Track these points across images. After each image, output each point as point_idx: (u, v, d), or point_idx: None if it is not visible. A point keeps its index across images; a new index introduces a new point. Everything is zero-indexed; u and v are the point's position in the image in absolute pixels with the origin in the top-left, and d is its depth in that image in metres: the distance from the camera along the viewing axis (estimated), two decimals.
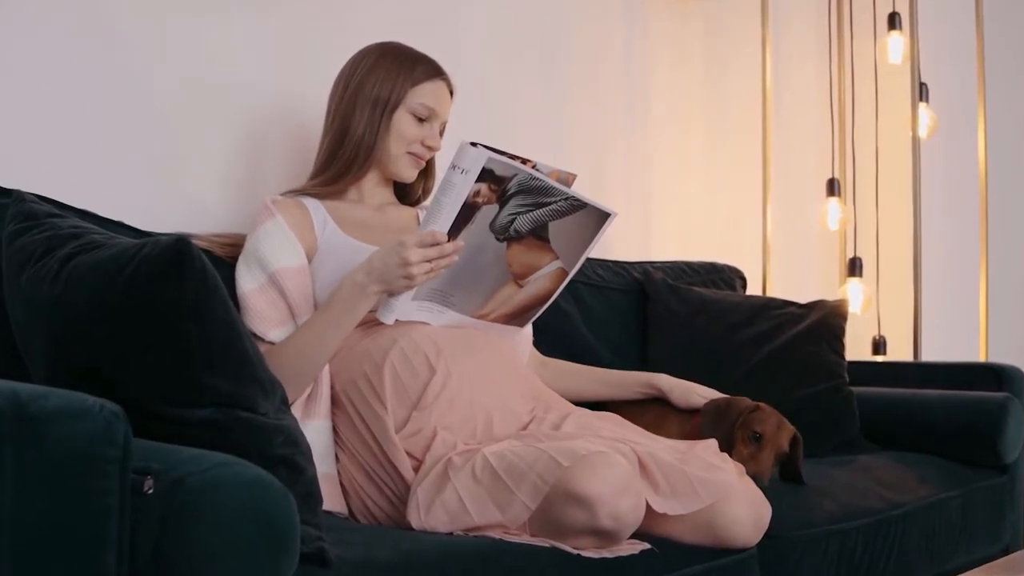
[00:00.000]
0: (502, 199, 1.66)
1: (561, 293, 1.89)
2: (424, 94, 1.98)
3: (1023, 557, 1.48)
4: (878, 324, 3.40)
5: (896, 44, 3.38)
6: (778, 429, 1.91)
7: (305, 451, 1.33)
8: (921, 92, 3.30)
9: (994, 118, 3.73)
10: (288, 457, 1.28)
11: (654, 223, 3.27)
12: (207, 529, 1.06)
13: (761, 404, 1.96)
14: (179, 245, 1.19)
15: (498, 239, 1.72)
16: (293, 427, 1.33)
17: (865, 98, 3.55)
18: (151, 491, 1.06)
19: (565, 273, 1.84)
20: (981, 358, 3.43)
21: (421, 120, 1.98)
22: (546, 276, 1.83)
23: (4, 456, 0.96)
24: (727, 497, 1.64)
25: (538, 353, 2.20)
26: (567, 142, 3.00)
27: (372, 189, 2.03)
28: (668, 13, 3.32)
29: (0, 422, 0.96)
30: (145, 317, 1.22)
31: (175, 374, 1.23)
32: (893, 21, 3.38)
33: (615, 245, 2.87)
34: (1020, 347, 3.76)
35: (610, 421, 1.84)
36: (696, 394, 2.06)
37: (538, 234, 1.75)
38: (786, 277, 3.44)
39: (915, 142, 3.27)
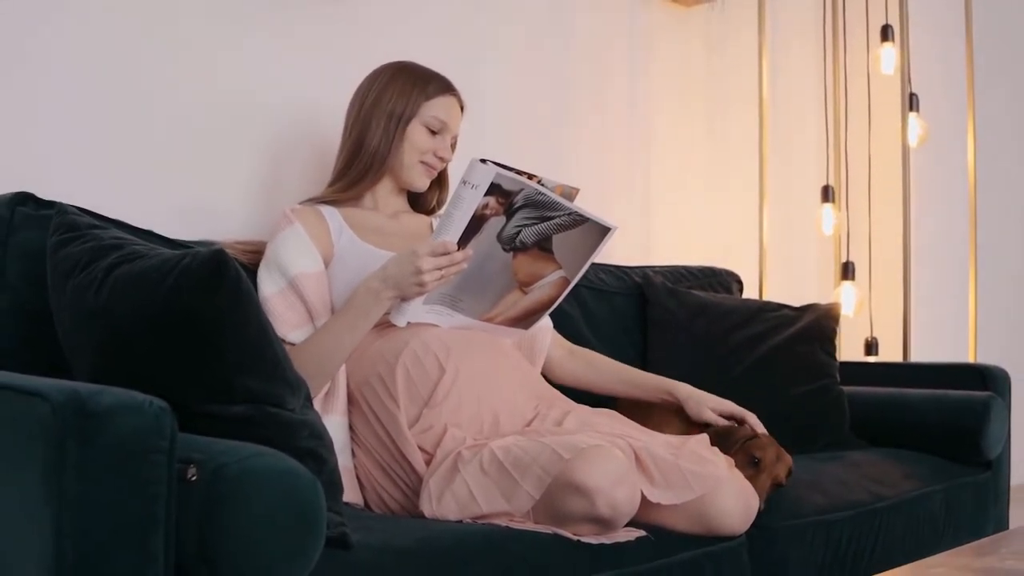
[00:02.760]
0: (509, 212, 1.73)
1: (564, 298, 1.95)
2: (436, 108, 2.06)
3: (990, 543, 1.51)
4: (870, 326, 3.44)
5: (889, 55, 3.42)
6: (777, 459, 1.92)
7: (328, 444, 1.43)
8: (911, 102, 3.34)
9: (983, 127, 3.75)
10: (313, 449, 1.37)
11: (655, 229, 3.28)
12: (244, 513, 1.15)
13: (761, 433, 1.99)
14: (218, 257, 1.29)
15: (505, 249, 1.79)
16: (317, 422, 1.43)
17: (858, 108, 3.58)
18: (194, 478, 1.15)
19: (567, 282, 1.90)
20: (970, 359, 3.47)
21: (433, 132, 2.06)
22: (549, 284, 1.89)
23: (67, 447, 1.07)
24: (717, 489, 1.69)
25: (563, 340, 2.25)
26: (573, 152, 3.03)
27: (386, 197, 2.10)
28: (670, 31, 3.34)
29: (64, 417, 1.07)
30: (185, 323, 1.31)
31: (212, 375, 1.32)
32: (886, 33, 3.43)
33: (617, 250, 2.89)
34: (1007, 348, 3.84)
35: (608, 417, 1.90)
36: (708, 408, 2.07)
37: (542, 245, 1.81)
38: (782, 280, 3.46)
39: (905, 150, 3.31)
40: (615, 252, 2.91)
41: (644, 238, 3.25)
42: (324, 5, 2.41)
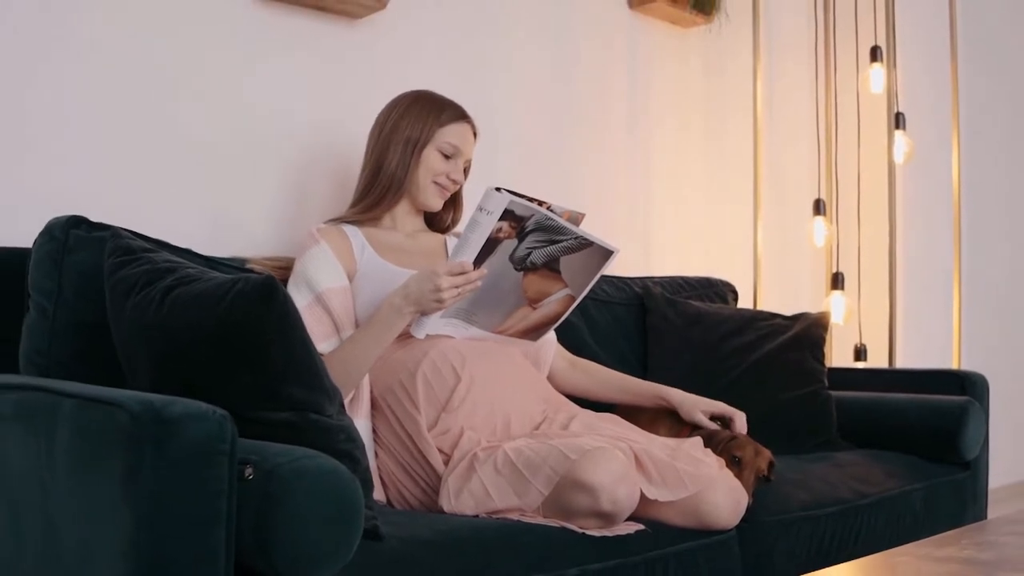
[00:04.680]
0: (521, 235, 1.85)
1: (570, 313, 2.06)
2: (450, 134, 2.16)
3: (954, 535, 1.60)
4: (859, 333, 3.52)
5: (878, 75, 3.51)
6: (756, 455, 2.02)
7: (360, 446, 1.55)
8: (898, 121, 3.43)
9: (967, 144, 3.85)
10: (349, 451, 1.50)
11: (654, 241, 3.35)
12: (295, 507, 1.27)
13: (738, 434, 2.10)
14: (268, 282, 1.43)
15: (516, 269, 1.90)
16: (351, 427, 1.55)
17: (848, 125, 3.66)
18: (251, 477, 1.28)
19: (573, 299, 2.01)
20: (955, 364, 3.56)
21: (447, 157, 2.16)
22: (556, 301, 2.00)
23: (144, 449, 1.21)
24: (709, 487, 1.80)
25: (566, 352, 2.35)
26: (576, 168, 3.10)
27: (404, 217, 2.20)
28: (669, 52, 3.39)
29: (142, 424, 1.21)
30: (238, 339, 1.44)
31: (262, 385, 1.45)
32: (875, 54, 3.51)
33: (619, 262, 2.95)
34: (989, 355, 3.96)
35: (610, 421, 2.01)
36: (699, 411, 2.17)
37: (551, 266, 1.92)
38: (776, 290, 3.52)
39: (891, 167, 3.40)
40: (617, 264, 2.96)
41: (644, 250, 3.31)
42: (343, 30, 2.52)
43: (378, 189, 2.16)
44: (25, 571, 1.40)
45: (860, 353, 3.52)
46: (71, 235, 1.85)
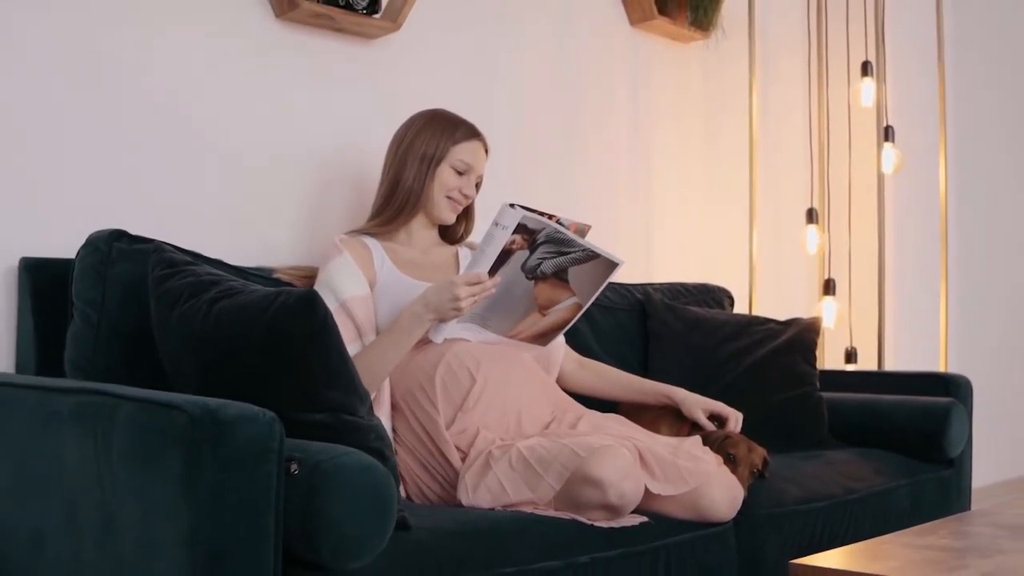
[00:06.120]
0: (532, 247, 1.95)
1: (577, 320, 2.15)
2: (463, 152, 2.25)
3: (932, 526, 1.73)
4: (850, 337, 3.61)
5: (868, 89, 3.60)
6: (749, 451, 2.11)
7: (388, 444, 1.66)
8: (887, 133, 3.52)
9: (954, 156, 3.94)
10: (379, 449, 1.60)
11: (655, 249, 3.41)
12: (336, 499, 1.37)
13: (731, 432, 2.20)
14: (309, 295, 1.54)
15: (528, 278, 2.01)
16: (380, 426, 1.66)
17: (839, 137, 3.75)
18: (296, 472, 1.39)
19: (580, 307, 2.11)
20: (941, 367, 3.66)
21: (460, 173, 2.25)
22: (565, 308, 2.10)
23: (203, 448, 1.31)
24: (708, 482, 1.89)
25: (575, 354, 2.45)
26: (579, 177, 3.17)
27: (419, 231, 2.29)
28: (668, 68, 3.46)
29: (200, 425, 1.31)
30: (281, 348, 1.55)
31: (302, 389, 1.56)
32: (866, 69, 3.61)
33: (621, 269, 3.05)
34: (975, 358, 4.05)
35: (615, 421, 2.11)
36: (699, 409, 2.28)
37: (560, 275, 2.02)
38: (770, 296, 3.60)
39: (880, 177, 3.50)
40: (620, 271, 3.02)
41: (645, 257, 3.38)
42: (359, 51, 2.61)
43: (396, 203, 2.24)
44: (85, 565, 1.49)
45: (851, 356, 3.60)
46: (114, 248, 1.96)
